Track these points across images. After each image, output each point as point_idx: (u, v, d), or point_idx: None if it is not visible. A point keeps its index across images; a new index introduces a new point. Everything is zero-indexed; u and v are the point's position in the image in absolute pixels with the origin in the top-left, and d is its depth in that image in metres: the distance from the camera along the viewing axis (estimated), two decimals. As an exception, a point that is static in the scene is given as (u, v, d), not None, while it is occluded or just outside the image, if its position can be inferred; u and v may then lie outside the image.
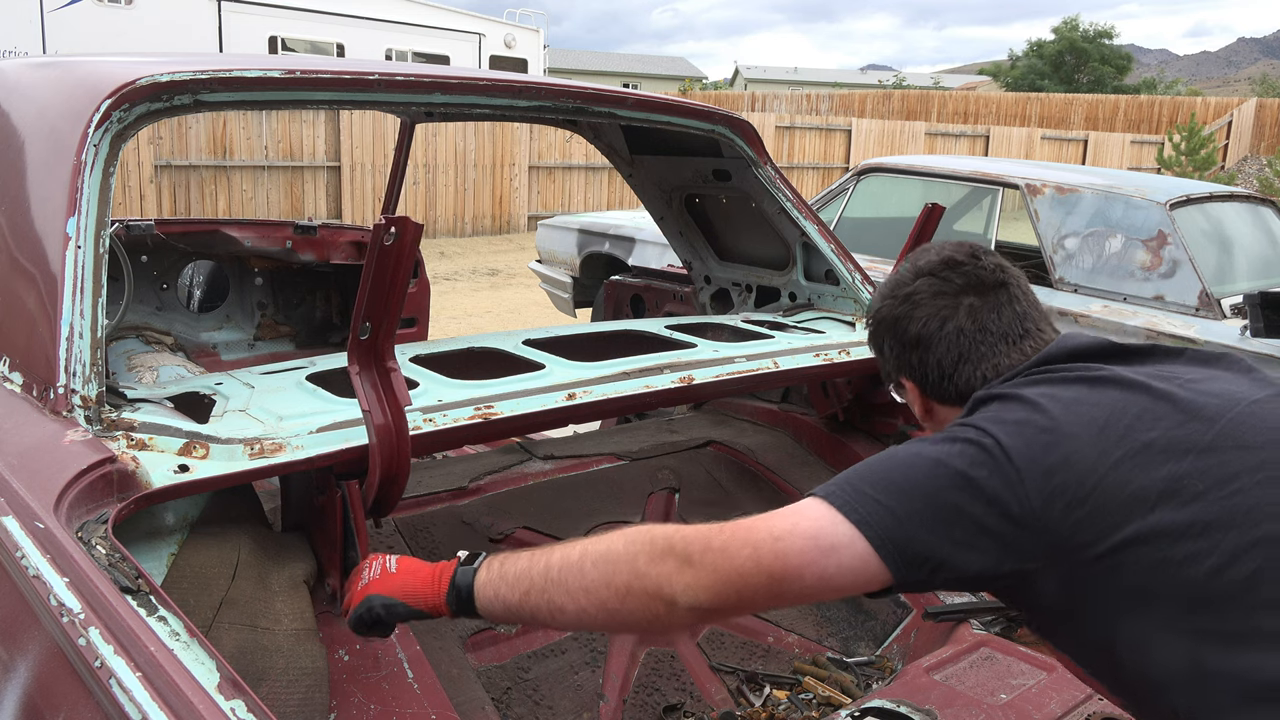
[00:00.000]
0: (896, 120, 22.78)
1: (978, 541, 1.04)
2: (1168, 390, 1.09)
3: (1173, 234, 4.40)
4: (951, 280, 1.29)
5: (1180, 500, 1.00)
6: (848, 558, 1.04)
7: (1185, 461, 1.02)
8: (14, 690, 1.09)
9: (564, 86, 2.16)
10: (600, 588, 1.11)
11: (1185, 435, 1.04)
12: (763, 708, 1.84)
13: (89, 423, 1.40)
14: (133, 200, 10.82)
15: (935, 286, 1.29)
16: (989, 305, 1.27)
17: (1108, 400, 1.08)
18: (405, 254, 1.35)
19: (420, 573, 1.27)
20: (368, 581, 1.29)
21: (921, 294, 1.30)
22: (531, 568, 1.18)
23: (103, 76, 1.62)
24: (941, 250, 1.33)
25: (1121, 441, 1.04)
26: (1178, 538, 0.98)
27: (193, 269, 3.69)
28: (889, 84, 54.30)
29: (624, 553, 1.10)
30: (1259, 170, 22.27)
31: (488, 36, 15.74)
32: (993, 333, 1.26)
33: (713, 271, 3.01)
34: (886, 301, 1.34)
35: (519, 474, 2.25)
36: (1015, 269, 1.33)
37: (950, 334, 1.27)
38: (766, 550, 1.06)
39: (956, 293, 1.28)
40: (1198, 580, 0.97)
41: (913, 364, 1.31)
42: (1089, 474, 1.02)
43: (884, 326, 1.35)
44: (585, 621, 1.15)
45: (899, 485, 1.06)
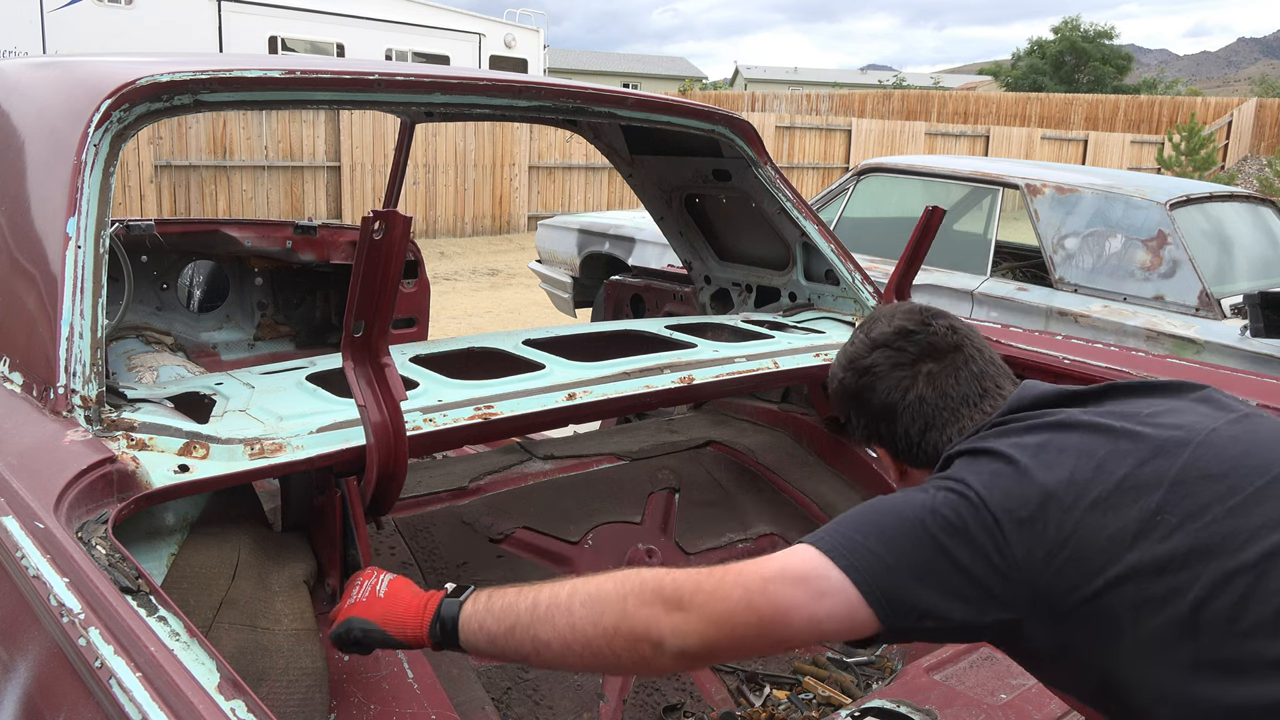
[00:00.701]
0: (896, 120, 22.77)
1: (963, 590, 1.05)
2: (1130, 429, 1.10)
3: (1173, 234, 4.40)
4: (906, 350, 1.32)
5: (1156, 536, 1.01)
6: (837, 603, 1.05)
7: (1156, 497, 1.03)
8: (14, 690, 1.09)
9: (564, 86, 2.16)
10: (587, 627, 1.10)
11: (1152, 471, 1.05)
12: (763, 708, 1.84)
13: (89, 423, 1.40)
14: (133, 200, 10.82)
15: (892, 358, 1.32)
16: (946, 370, 1.30)
17: (1073, 445, 1.10)
18: (395, 248, 1.35)
19: (406, 602, 1.26)
20: (354, 601, 1.28)
21: (880, 367, 1.33)
22: (518, 603, 1.17)
23: (103, 76, 1.62)
24: (893, 319, 1.36)
25: (1092, 484, 1.05)
26: (1158, 573, 0.99)
27: (193, 269, 3.69)
28: (889, 84, 54.30)
29: (613, 594, 1.10)
30: (1259, 170, 22.27)
31: (488, 36, 15.74)
32: (953, 397, 1.29)
33: (713, 271, 3.01)
34: (847, 374, 1.38)
35: (519, 474, 2.25)
36: (966, 326, 1.37)
37: (913, 404, 1.30)
38: (757, 591, 1.06)
39: (913, 361, 1.31)
40: (1183, 614, 0.97)
41: (881, 434, 1.35)
42: (1064, 519, 1.03)
43: (847, 398, 1.38)
44: (570, 660, 1.15)
45: (887, 532, 1.07)
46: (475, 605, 1.21)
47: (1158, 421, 1.11)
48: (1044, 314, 4.61)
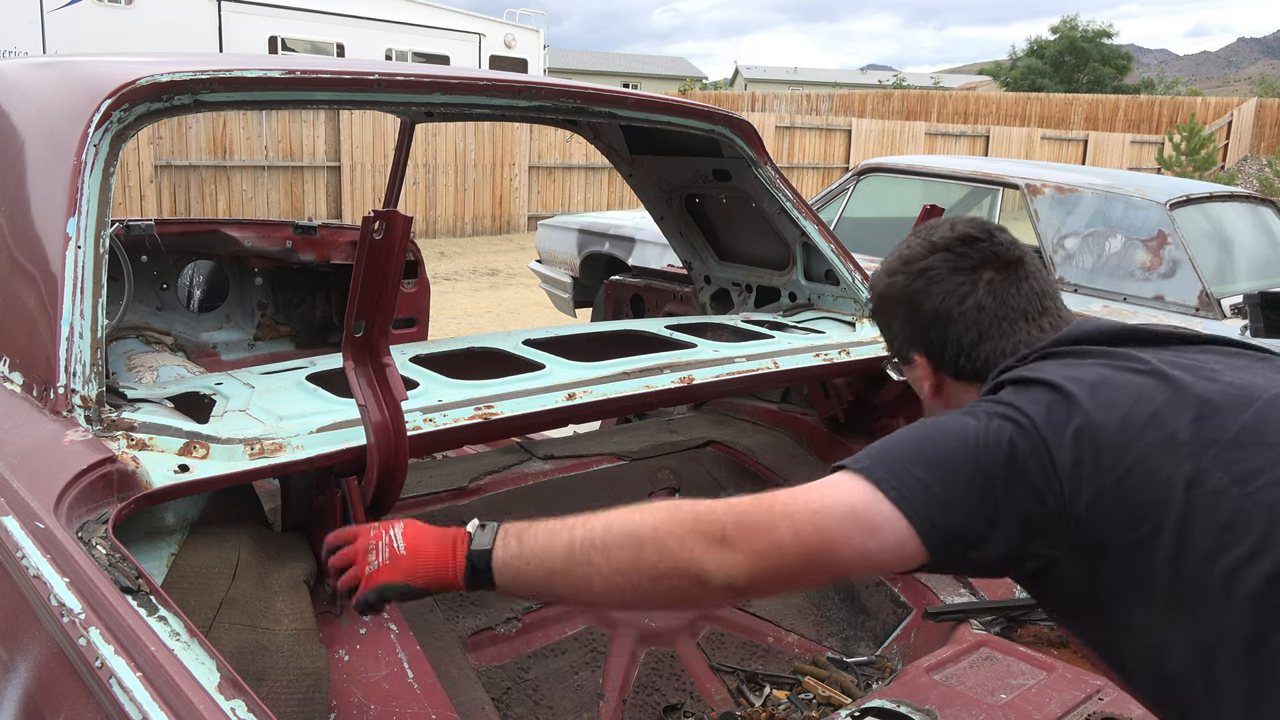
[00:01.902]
0: (896, 120, 22.77)
1: (1009, 521, 1.03)
2: (1190, 382, 1.07)
3: (1173, 234, 4.40)
4: (969, 255, 1.26)
5: (1203, 495, 0.98)
6: (888, 535, 1.03)
7: (1208, 456, 1.00)
8: (14, 690, 1.10)
9: (564, 86, 2.16)
10: (630, 569, 1.08)
11: (1209, 429, 1.02)
12: (763, 708, 1.84)
13: (89, 423, 1.40)
14: (133, 200, 10.82)
15: (952, 262, 1.26)
16: (1008, 281, 1.25)
17: (1132, 387, 1.06)
18: (395, 248, 1.35)
19: (432, 555, 1.21)
20: (377, 567, 1.22)
21: (938, 269, 1.26)
22: (553, 546, 1.14)
23: (103, 76, 1.62)
24: (955, 226, 1.30)
25: (1145, 431, 1.02)
26: (1200, 533, 0.97)
27: (193, 269, 3.69)
28: (889, 84, 54.30)
29: (650, 531, 1.08)
30: (1259, 170, 22.27)
31: (488, 36, 15.74)
32: (1013, 309, 1.24)
33: (713, 271, 3.01)
34: (898, 276, 1.30)
35: (519, 474, 2.25)
36: (1026, 247, 1.31)
37: (970, 310, 1.24)
38: (805, 524, 1.04)
39: (974, 268, 1.25)
40: (1217, 577, 0.96)
41: (930, 340, 1.28)
42: (1115, 464, 1.01)
43: (896, 302, 1.31)
44: (614, 601, 1.14)
45: (936, 462, 1.05)
46: (506, 551, 1.17)
47: (1221, 379, 1.08)
48: (1044, 314, 4.60)
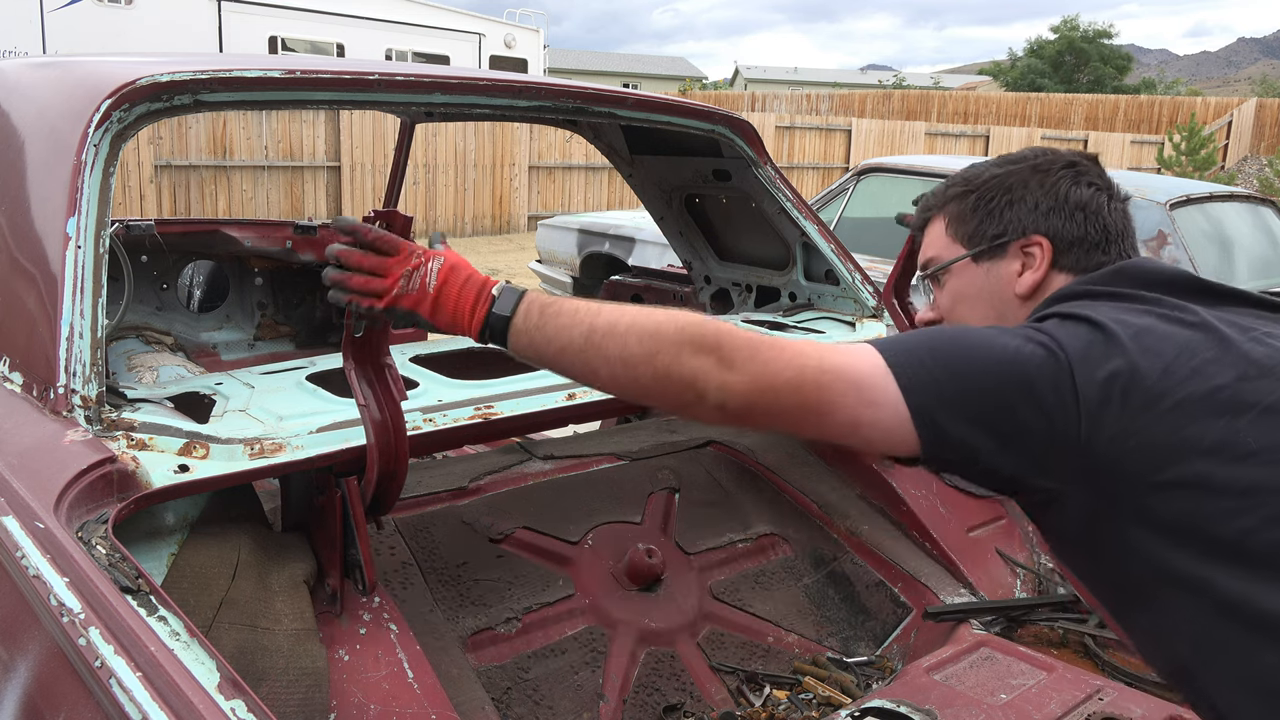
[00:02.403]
0: (896, 120, 22.78)
1: (1019, 446, 1.03)
2: (1240, 341, 1.06)
3: (1173, 234, 4.39)
4: (1100, 184, 1.29)
5: (1230, 455, 0.98)
6: (883, 416, 1.04)
7: (1245, 417, 1.00)
8: (14, 690, 1.10)
9: (564, 86, 2.16)
10: (639, 363, 1.10)
11: (1250, 390, 1.01)
12: (763, 708, 1.84)
13: (89, 423, 1.40)
14: (133, 200, 10.82)
15: (1084, 178, 1.28)
16: (1105, 209, 1.27)
17: (1178, 339, 1.06)
18: None
19: (453, 301, 1.21)
20: (403, 293, 1.22)
21: (1064, 180, 1.27)
22: (574, 325, 1.15)
23: (103, 76, 1.62)
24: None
25: (1185, 383, 1.02)
26: (1218, 493, 0.97)
27: (193, 269, 3.69)
28: (889, 84, 54.31)
29: (671, 336, 1.09)
30: (1259, 170, 22.27)
31: (488, 36, 15.74)
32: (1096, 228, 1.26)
33: (713, 271, 3.01)
34: (1023, 170, 1.30)
35: (519, 474, 2.25)
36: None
37: (1092, 213, 1.26)
38: (810, 377, 1.05)
39: (1102, 188, 1.28)
40: (1226, 538, 0.96)
41: (1059, 228, 1.26)
42: (1145, 410, 1.01)
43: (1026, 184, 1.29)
44: (615, 388, 1.15)
45: (960, 367, 1.05)
46: (527, 321, 1.19)
47: (1271, 343, 1.07)
48: (1044, 314, 4.61)
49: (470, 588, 1.88)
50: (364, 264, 1.24)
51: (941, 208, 1.35)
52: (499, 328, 1.20)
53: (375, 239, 1.25)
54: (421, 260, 1.24)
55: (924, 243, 1.39)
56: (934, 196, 1.37)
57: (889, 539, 2.20)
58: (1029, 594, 2.06)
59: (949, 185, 1.36)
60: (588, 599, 1.94)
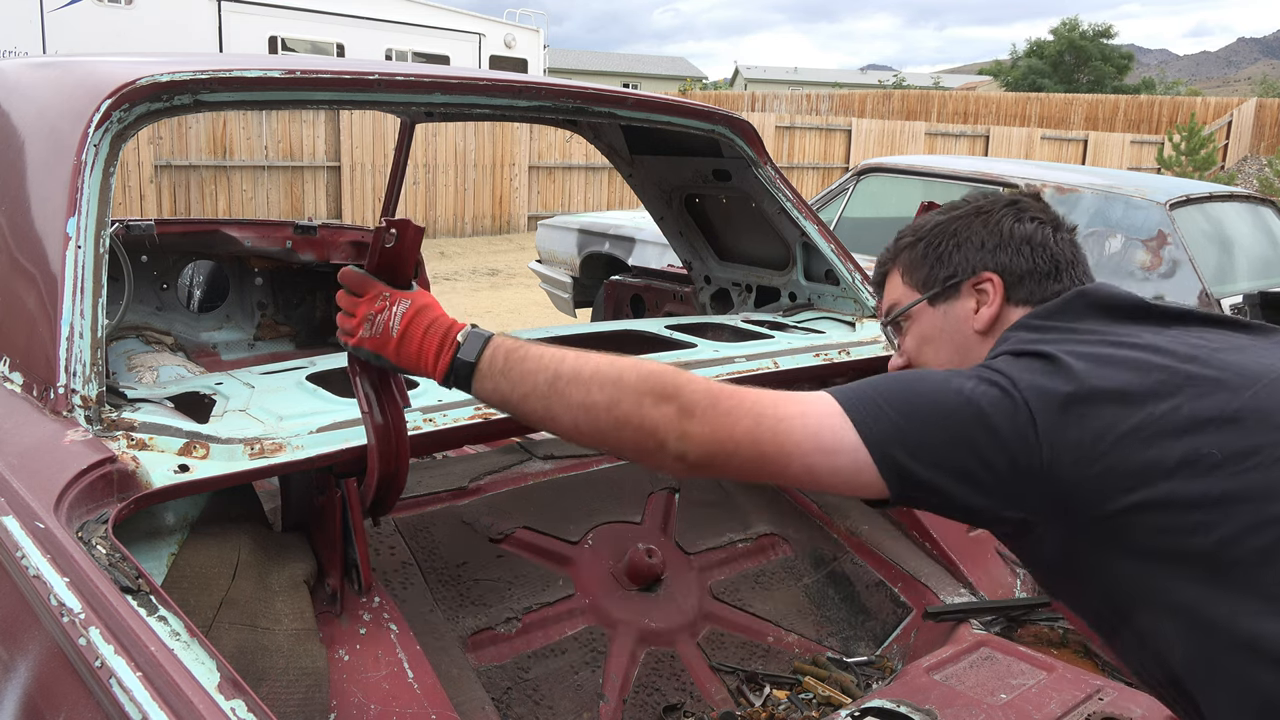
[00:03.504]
0: (896, 120, 22.78)
1: (984, 481, 1.04)
2: (1193, 357, 1.08)
3: (1173, 234, 4.40)
4: (1044, 216, 1.32)
5: (1196, 471, 0.99)
6: (843, 463, 1.05)
7: (1206, 433, 1.01)
8: (14, 690, 1.10)
9: (564, 86, 2.16)
10: (601, 411, 1.11)
11: (1209, 405, 1.02)
12: (763, 708, 1.84)
13: (89, 423, 1.40)
14: (133, 200, 10.82)
15: (1028, 212, 1.32)
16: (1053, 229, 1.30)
17: (1131, 362, 1.07)
18: (406, 256, 1.35)
19: (416, 347, 1.23)
20: (368, 336, 1.25)
21: (1005, 216, 1.31)
22: (538, 371, 1.16)
23: (103, 76, 1.62)
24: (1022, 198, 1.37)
25: (1142, 406, 1.03)
26: (1189, 508, 0.98)
27: (193, 269, 3.69)
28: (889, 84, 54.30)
29: (633, 385, 1.10)
30: (1259, 170, 22.27)
31: (488, 36, 15.74)
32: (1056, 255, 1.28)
33: (713, 271, 3.01)
34: (967, 214, 1.34)
35: (519, 474, 2.25)
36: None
37: (1049, 244, 1.28)
38: (767, 427, 1.06)
39: (1045, 222, 1.31)
40: (1204, 550, 0.96)
41: (1006, 263, 1.29)
42: (1105, 434, 1.02)
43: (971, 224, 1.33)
44: (577, 436, 1.16)
45: (917, 409, 1.06)
46: (492, 366, 1.20)
47: (1224, 358, 1.08)
48: (1044, 314, 4.61)
49: (470, 588, 1.88)
50: (339, 302, 1.29)
51: (895, 259, 1.40)
52: (463, 373, 1.21)
53: (345, 278, 1.28)
54: (386, 303, 1.25)
55: (884, 294, 1.43)
56: (887, 251, 1.42)
57: (889, 539, 2.20)
58: (1029, 594, 2.06)
59: (900, 237, 1.40)
60: (588, 599, 1.94)
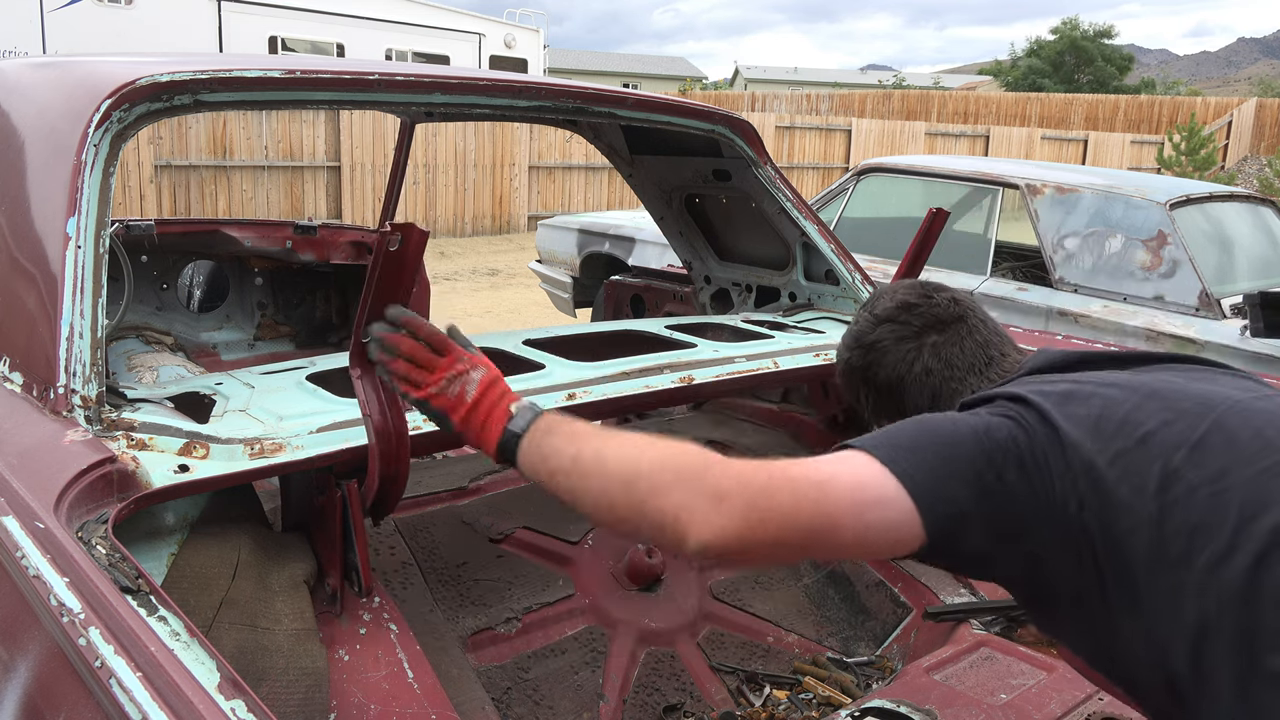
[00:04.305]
0: (896, 120, 22.77)
1: (1005, 510, 1.04)
2: (1154, 388, 1.10)
3: (1173, 234, 4.40)
4: (910, 323, 1.34)
5: (1174, 495, 1.00)
6: (892, 513, 1.01)
7: (1177, 457, 1.02)
8: (14, 690, 1.10)
9: (564, 86, 2.16)
10: (618, 495, 1.08)
11: (1176, 432, 1.04)
12: (763, 708, 1.84)
13: (89, 423, 1.40)
14: (133, 200, 10.82)
15: (897, 332, 1.34)
16: (950, 340, 1.32)
17: (1098, 398, 1.09)
18: (410, 260, 1.36)
19: (481, 418, 1.22)
20: (442, 394, 1.23)
21: (885, 341, 1.35)
22: (564, 449, 1.15)
23: (103, 76, 1.62)
24: (895, 294, 1.38)
25: (1116, 436, 1.05)
26: (1174, 534, 0.99)
27: (193, 269, 3.69)
28: (889, 84, 54.29)
29: (650, 467, 1.06)
30: (1259, 170, 22.26)
31: (488, 36, 15.74)
32: (959, 367, 1.31)
33: (713, 271, 3.01)
34: (854, 352, 1.39)
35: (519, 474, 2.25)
36: (969, 298, 1.38)
37: (919, 375, 1.32)
38: (807, 493, 1.01)
39: (917, 334, 1.33)
40: (1194, 575, 0.97)
41: (891, 409, 1.35)
42: (1088, 469, 1.03)
43: (855, 376, 1.40)
44: (599, 519, 1.14)
45: (939, 445, 1.06)
46: (533, 439, 1.19)
47: (1181, 388, 1.11)
48: (1044, 314, 4.61)
49: (470, 588, 1.88)
50: (415, 356, 1.25)
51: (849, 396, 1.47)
52: (510, 446, 1.20)
53: (429, 336, 1.26)
54: (467, 367, 1.25)
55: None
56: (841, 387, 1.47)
57: (889, 539, 2.20)
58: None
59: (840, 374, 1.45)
60: (588, 599, 1.94)
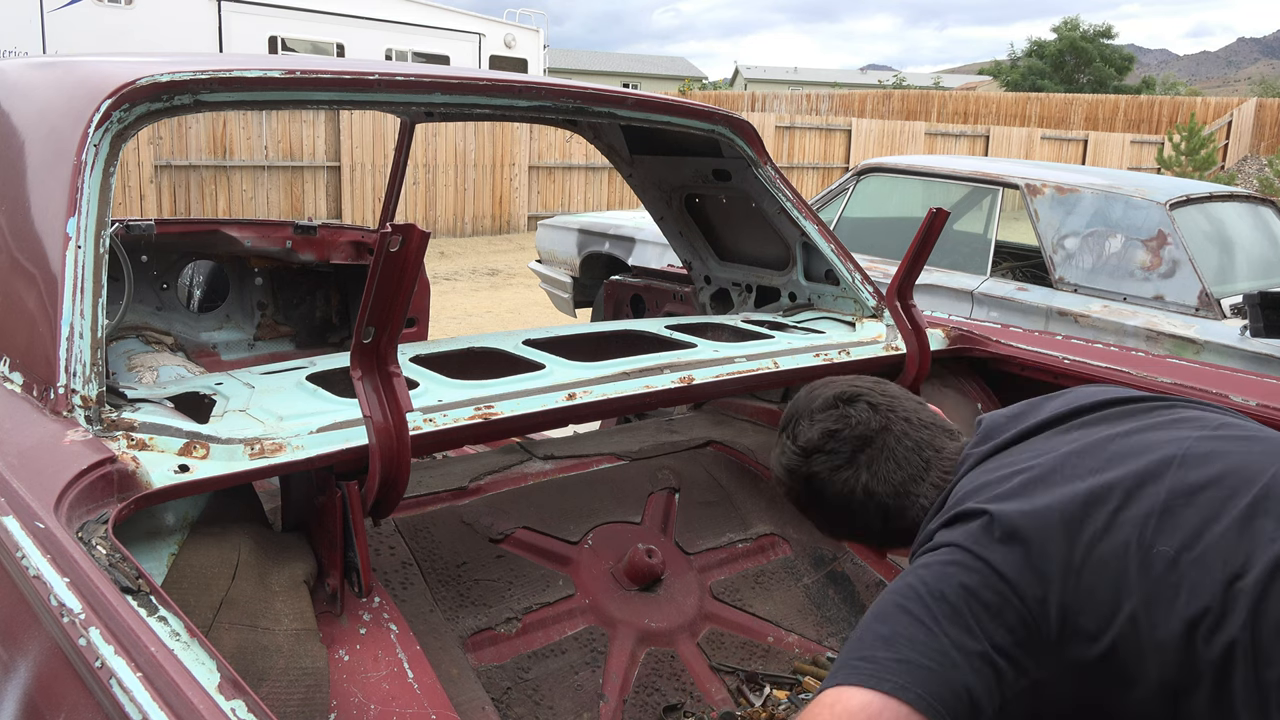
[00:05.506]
0: (896, 120, 22.77)
1: (997, 660, 1.02)
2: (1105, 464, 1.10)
3: (1173, 234, 4.40)
4: (839, 451, 1.33)
5: (1157, 571, 1.00)
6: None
7: (1149, 530, 1.02)
8: (14, 690, 1.10)
9: (564, 86, 2.16)
10: None
11: (1139, 505, 1.04)
12: (763, 708, 1.84)
13: (89, 423, 1.40)
14: (133, 200, 10.82)
15: (829, 462, 1.34)
16: (881, 453, 1.32)
17: (1053, 493, 1.09)
18: (411, 261, 1.36)
19: None
20: None
21: (821, 473, 1.35)
22: None
23: (103, 76, 1.62)
24: (813, 421, 1.36)
25: (1083, 528, 1.05)
26: (1166, 609, 0.99)
27: (193, 269, 3.69)
28: (889, 84, 54.28)
29: None
30: (1259, 170, 22.26)
31: (488, 36, 15.74)
32: (897, 480, 1.31)
33: (713, 271, 3.01)
34: (794, 484, 1.39)
35: (519, 474, 2.25)
36: (885, 398, 1.36)
37: (862, 498, 1.32)
38: None
39: (850, 459, 1.33)
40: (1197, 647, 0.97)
41: (850, 531, 1.38)
42: (1066, 571, 1.03)
43: (801, 502, 1.41)
44: None
45: (909, 635, 1.03)
46: None
47: (1131, 451, 1.11)
48: (1044, 314, 4.61)
49: (470, 588, 1.88)
50: None
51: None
52: None
53: None
54: None
55: None
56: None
57: (889, 539, 2.20)
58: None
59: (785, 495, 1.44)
60: (588, 599, 1.94)
